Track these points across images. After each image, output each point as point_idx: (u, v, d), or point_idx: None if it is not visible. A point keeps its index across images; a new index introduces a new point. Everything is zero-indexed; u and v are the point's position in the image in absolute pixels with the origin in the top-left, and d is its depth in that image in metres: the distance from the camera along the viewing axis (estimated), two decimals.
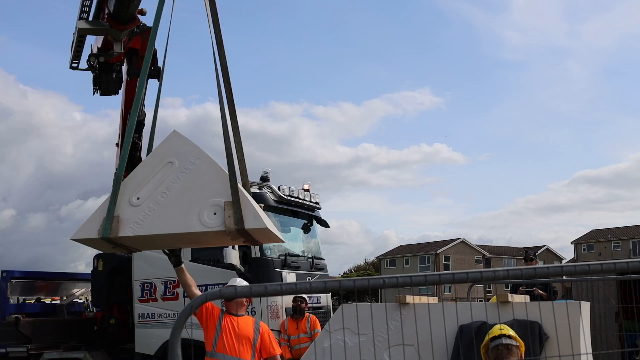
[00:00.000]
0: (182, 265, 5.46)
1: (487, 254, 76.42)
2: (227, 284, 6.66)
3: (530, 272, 2.84)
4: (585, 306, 5.43)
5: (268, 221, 4.30)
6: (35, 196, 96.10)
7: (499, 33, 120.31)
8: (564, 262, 73.59)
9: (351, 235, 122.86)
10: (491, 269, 2.92)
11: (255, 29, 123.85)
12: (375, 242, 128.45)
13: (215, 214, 4.14)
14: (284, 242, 4.75)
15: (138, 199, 4.29)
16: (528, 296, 6.72)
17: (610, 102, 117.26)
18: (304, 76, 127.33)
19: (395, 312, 5.19)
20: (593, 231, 77.44)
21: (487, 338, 4.24)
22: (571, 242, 78.05)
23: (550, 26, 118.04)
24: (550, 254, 79.57)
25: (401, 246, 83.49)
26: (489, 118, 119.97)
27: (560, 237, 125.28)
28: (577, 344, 4.75)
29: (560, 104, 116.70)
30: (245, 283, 6.65)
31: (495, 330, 4.21)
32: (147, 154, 4.70)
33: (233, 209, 4.10)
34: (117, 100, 12.42)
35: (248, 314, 6.55)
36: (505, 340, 4.11)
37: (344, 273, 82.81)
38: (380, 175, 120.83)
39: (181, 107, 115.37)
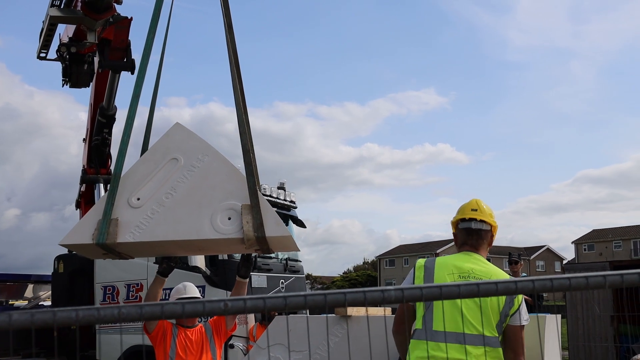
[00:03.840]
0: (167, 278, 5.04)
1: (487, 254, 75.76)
2: (173, 290, 6.09)
3: (547, 283, 2.30)
4: (552, 320, 4.77)
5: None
6: (40, 196, 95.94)
7: (503, 34, 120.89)
8: (564, 262, 72.97)
9: (353, 235, 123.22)
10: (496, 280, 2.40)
11: (259, 29, 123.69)
12: (377, 242, 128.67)
13: (230, 218, 3.62)
14: (299, 250, 4.14)
15: (138, 199, 3.72)
16: None
17: (614, 103, 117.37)
18: (309, 76, 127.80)
19: (336, 326, 4.56)
20: (594, 231, 76.85)
21: (457, 216, 3.84)
22: (572, 242, 77.41)
23: (555, 27, 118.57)
24: (550, 254, 79.06)
25: (401, 246, 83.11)
26: (492, 118, 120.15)
27: (562, 237, 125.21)
28: None
29: (563, 104, 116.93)
30: (195, 288, 6.09)
31: (467, 211, 3.80)
32: (142, 153, 4.11)
33: (252, 214, 3.58)
34: (123, 101, 11.83)
35: (201, 321, 6.03)
36: (475, 225, 3.75)
37: (344, 273, 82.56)
38: (384, 175, 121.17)
39: (185, 107, 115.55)
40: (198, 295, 5.93)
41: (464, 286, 2.08)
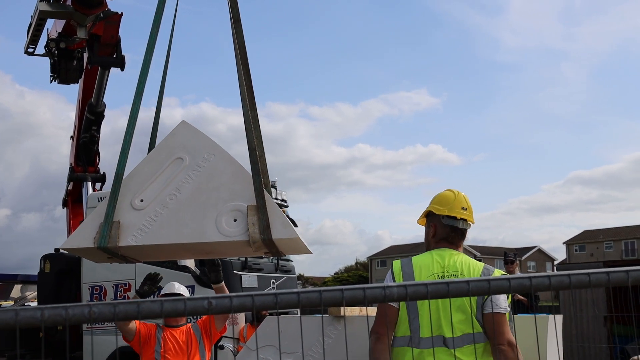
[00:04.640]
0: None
1: (478, 254, 75.81)
2: (163, 289, 5.94)
3: (526, 282, 2.14)
4: (557, 320, 4.63)
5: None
6: (31, 196, 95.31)
7: (495, 35, 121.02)
8: (555, 263, 73.18)
9: (345, 236, 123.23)
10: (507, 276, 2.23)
11: (252, 29, 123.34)
12: (369, 243, 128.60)
13: (235, 220, 3.46)
14: (311, 253, 3.95)
15: (142, 201, 3.58)
16: None
17: (605, 104, 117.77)
18: (301, 77, 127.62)
19: (330, 327, 4.40)
20: (585, 232, 77.05)
21: (443, 209, 3.66)
22: (563, 243, 77.63)
23: (546, 28, 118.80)
24: (542, 255, 79.19)
25: (392, 246, 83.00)
26: (484, 119, 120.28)
27: (553, 237, 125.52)
28: None
29: (555, 106, 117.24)
30: (184, 288, 5.94)
31: (457, 209, 3.63)
32: (148, 152, 3.97)
33: (258, 215, 3.43)
34: (114, 101, 11.70)
35: (189, 321, 5.87)
36: (462, 225, 3.64)
37: (335, 274, 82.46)
38: (376, 176, 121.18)
39: (177, 107, 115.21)
40: (186, 293, 5.77)
41: (493, 282, 1.92)
